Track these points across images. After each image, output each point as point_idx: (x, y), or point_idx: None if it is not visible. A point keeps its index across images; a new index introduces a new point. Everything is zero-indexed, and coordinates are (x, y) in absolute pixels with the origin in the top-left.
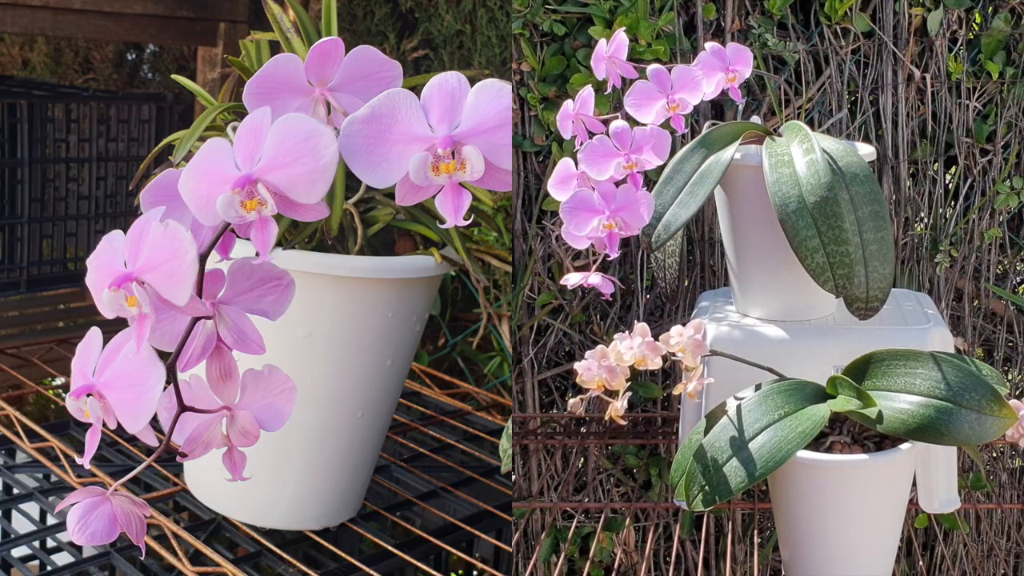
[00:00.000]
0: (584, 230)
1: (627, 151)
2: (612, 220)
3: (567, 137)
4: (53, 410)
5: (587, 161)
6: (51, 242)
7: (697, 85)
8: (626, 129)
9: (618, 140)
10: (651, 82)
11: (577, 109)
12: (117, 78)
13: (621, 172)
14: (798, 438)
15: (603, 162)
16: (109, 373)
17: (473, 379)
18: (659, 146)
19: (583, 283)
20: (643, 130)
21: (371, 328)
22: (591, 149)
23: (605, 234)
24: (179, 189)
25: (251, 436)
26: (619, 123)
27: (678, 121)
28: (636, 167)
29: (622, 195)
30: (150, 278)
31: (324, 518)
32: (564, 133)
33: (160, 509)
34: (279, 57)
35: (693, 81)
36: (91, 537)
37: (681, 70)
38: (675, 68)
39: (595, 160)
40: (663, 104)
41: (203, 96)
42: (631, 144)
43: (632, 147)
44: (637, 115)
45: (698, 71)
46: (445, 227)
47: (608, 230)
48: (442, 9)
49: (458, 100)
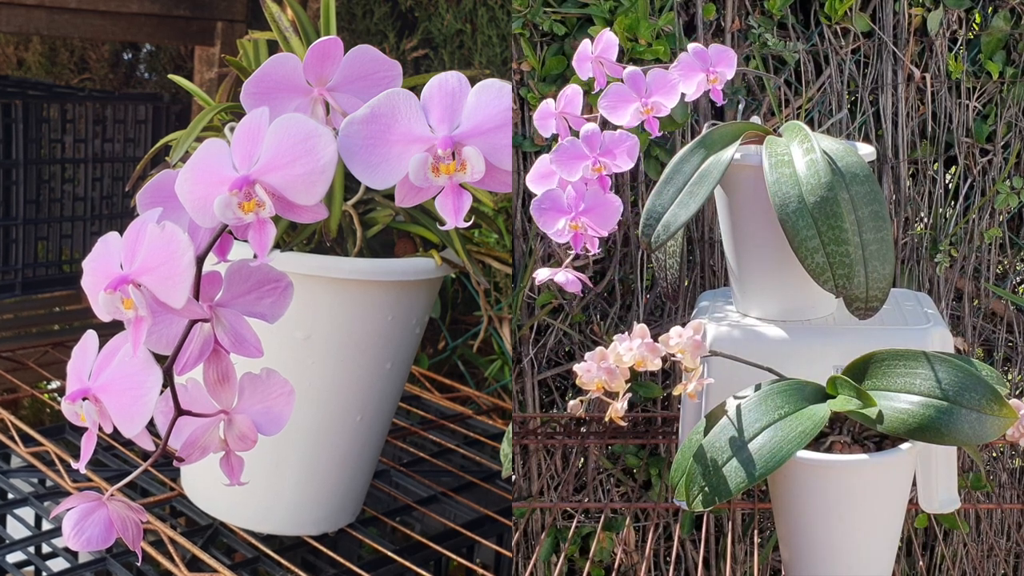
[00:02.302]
0: (552, 228)
1: (596, 154)
2: (577, 221)
3: (547, 136)
4: (48, 414)
5: (558, 162)
6: (46, 244)
7: (673, 88)
8: (596, 132)
9: (587, 143)
10: (626, 85)
11: (562, 107)
12: (113, 78)
13: (590, 174)
14: (798, 438)
15: (572, 164)
16: (105, 377)
17: (474, 383)
18: (629, 150)
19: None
20: (612, 134)
21: (370, 331)
22: (562, 150)
23: (571, 234)
24: (176, 190)
25: (249, 440)
26: (589, 126)
27: (652, 124)
28: (604, 170)
29: (590, 197)
30: (147, 280)
31: (323, 523)
32: (543, 131)
33: (157, 514)
34: (277, 57)
35: (669, 84)
36: (87, 543)
37: (656, 73)
38: (650, 71)
39: (565, 161)
40: (637, 107)
41: (200, 96)
42: (600, 147)
43: (601, 150)
44: (611, 117)
45: (675, 74)
46: (445, 229)
47: (574, 230)
48: (442, 8)
49: (458, 100)
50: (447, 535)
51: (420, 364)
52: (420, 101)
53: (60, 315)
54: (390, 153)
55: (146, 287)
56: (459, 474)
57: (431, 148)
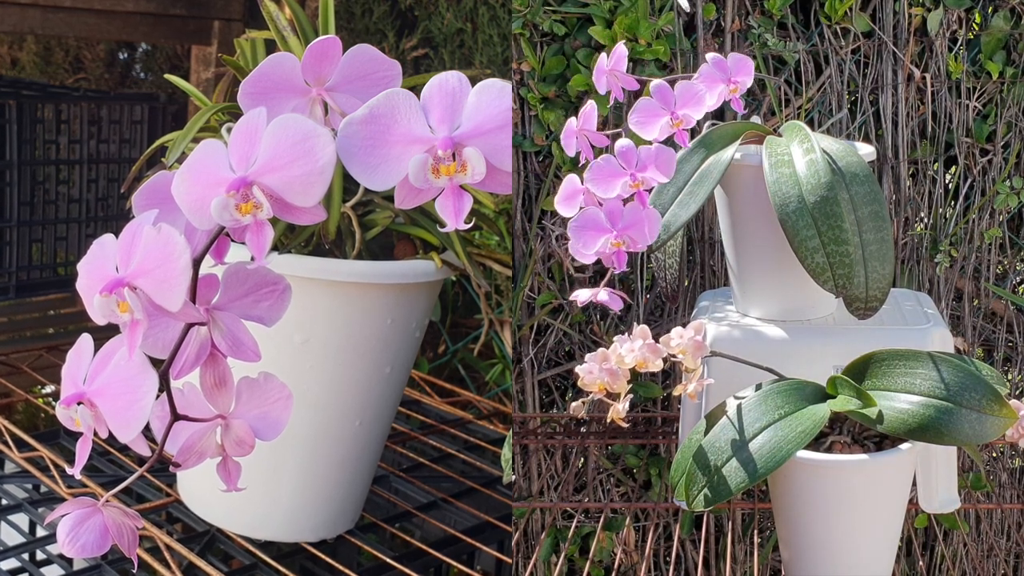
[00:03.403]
0: (592, 248)
1: (633, 170)
2: (620, 239)
3: (571, 154)
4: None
5: (593, 180)
6: (41, 246)
7: (700, 100)
8: (631, 148)
9: (623, 159)
10: (654, 98)
11: (581, 125)
12: (108, 78)
13: (627, 191)
14: (798, 438)
15: (609, 181)
16: (100, 381)
17: (474, 387)
18: (664, 164)
19: (592, 299)
20: (648, 148)
21: (369, 334)
22: (597, 168)
23: (613, 252)
24: (172, 192)
25: (246, 446)
26: (624, 141)
27: (682, 137)
28: (642, 185)
29: (629, 213)
30: (142, 283)
31: (321, 530)
32: (568, 150)
33: (153, 520)
34: (275, 56)
35: (696, 96)
36: (82, 549)
37: (684, 85)
38: (678, 83)
39: (601, 179)
40: (667, 121)
41: (197, 96)
42: (636, 162)
43: (637, 165)
44: (641, 132)
45: (700, 85)
46: (445, 231)
47: (616, 248)
48: (442, 7)
49: (459, 100)
50: (447, 541)
51: (420, 368)
52: (420, 101)
53: (55, 318)
54: (389, 154)
55: (142, 290)
56: (459, 480)
57: (431, 149)
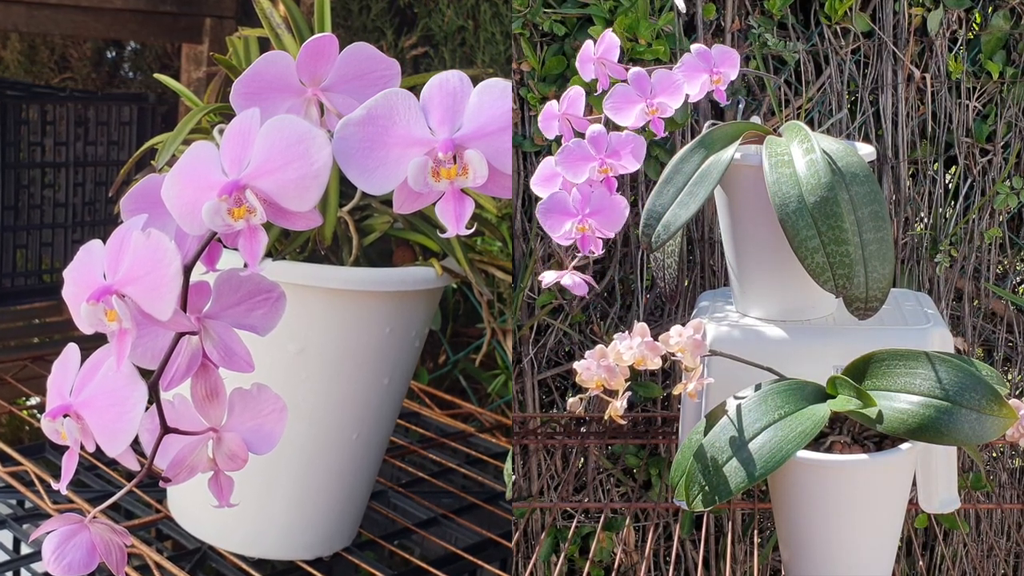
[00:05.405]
0: (558, 232)
1: (602, 155)
2: (584, 223)
3: (550, 137)
4: (27, 432)
5: (563, 164)
6: (25, 252)
7: (678, 89)
8: (602, 133)
9: (594, 144)
10: (631, 86)
11: (565, 109)
12: (96, 77)
13: (597, 176)
14: (798, 438)
15: (579, 165)
16: (87, 392)
17: (476, 398)
18: (635, 151)
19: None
20: (619, 135)
21: (367, 344)
22: (567, 152)
23: (579, 236)
24: (162, 196)
25: (239, 459)
26: (595, 127)
27: (658, 125)
28: (611, 171)
29: (597, 199)
30: (131, 291)
31: (317, 547)
32: (547, 133)
33: (142, 537)
34: (269, 55)
35: (673, 85)
36: (68, 568)
37: (661, 74)
38: (655, 72)
39: (571, 163)
40: (642, 108)
41: (188, 96)
42: (607, 148)
43: (608, 151)
44: (616, 119)
45: (679, 74)
46: (446, 236)
47: (581, 232)
48: (443, 3)
49: (460, 101)
50: (448, 559)
51: (419, 379)
52: (420, 102)
53: (40, 327)
54: (388, 156)
55: (130, 298)
56: (460, 495)
57: (431, 151)
